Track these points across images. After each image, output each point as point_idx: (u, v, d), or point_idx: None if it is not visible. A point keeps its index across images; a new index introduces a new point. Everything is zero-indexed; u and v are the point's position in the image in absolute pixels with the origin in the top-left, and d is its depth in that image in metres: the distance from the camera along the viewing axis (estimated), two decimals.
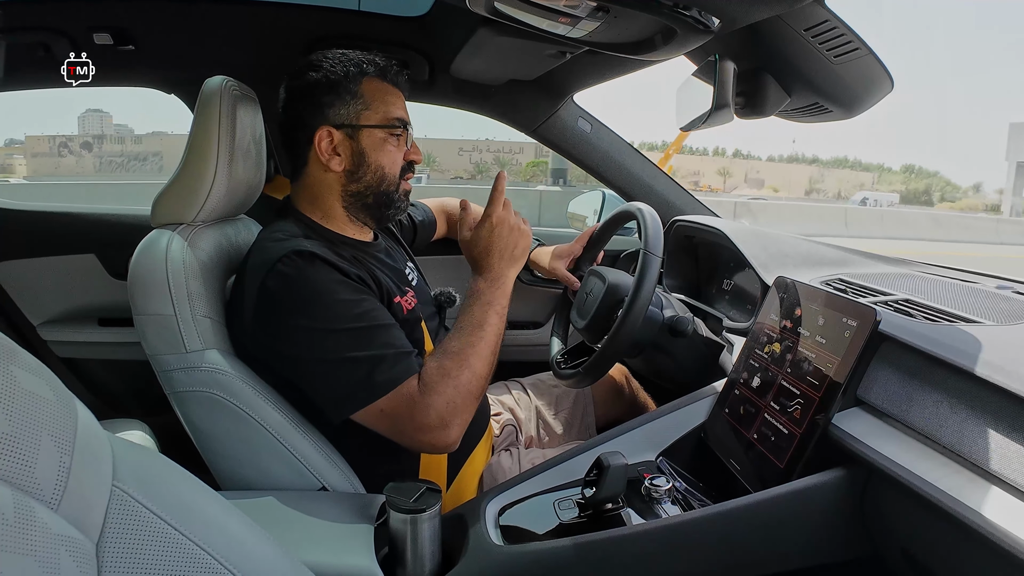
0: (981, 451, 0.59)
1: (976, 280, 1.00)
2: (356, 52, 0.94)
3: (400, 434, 0.83)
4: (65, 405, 0.36)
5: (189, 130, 0.91)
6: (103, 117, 55.21)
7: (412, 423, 0.81)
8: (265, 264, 0.83)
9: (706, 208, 1.52)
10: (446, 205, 1.41)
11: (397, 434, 0.83)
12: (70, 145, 29.11)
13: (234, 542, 0.42)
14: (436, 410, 0.81)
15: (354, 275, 0.85)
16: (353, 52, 0.93)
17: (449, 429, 0.82)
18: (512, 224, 0.95)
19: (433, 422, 0.81)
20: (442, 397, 0.82)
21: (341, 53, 0.93)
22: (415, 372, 0.83)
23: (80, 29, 1.23)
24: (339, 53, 0.93)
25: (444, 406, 0.81)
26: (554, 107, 1.46)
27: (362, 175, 0.93)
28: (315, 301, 0.81)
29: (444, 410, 0.81)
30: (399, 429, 0.82)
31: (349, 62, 0.91)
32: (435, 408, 0.81)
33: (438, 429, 0.81)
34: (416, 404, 0.81)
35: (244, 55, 1.35)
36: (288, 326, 0.82)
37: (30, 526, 0.30)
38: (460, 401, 0.83)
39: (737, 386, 0.89)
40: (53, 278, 1.44)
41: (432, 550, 0.74)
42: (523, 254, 0.97)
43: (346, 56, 0.92)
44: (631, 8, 0.71)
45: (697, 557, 0.74)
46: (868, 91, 0.94)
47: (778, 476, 0.74)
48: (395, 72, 0.95)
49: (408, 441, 0.83)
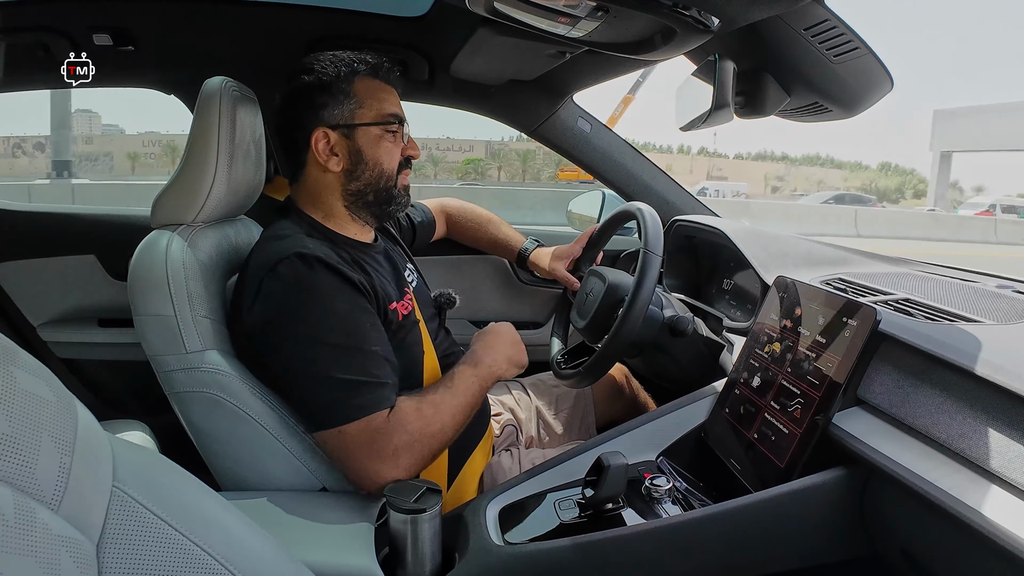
0: (981, 451, 0.59)
1: (976, 279, 1.00)
2: (347, 52, 0.94)
3: (348, 459, 0.81)
4: (65, 406, 0.36)
5: (189, 131, 0.91)
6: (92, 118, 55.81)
7: (368, 451, 0.80)
8: (267, 264, 0.84)
9: (706, 208, 1.52)
10: (445, 205, 1.41)
11: (346, 458, 0.81)
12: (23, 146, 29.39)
13: (234, 542, 0.42)
14: (396, 444, 0.80)
15: (355, 280, 0.85)
16: (344, 52, 0.94)
17: (397, 465, 0.81)
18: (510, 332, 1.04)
19: (387, 453, 0.80)
20: (407, 435, 0.81)
21: (332, 54, 0.93)
22: (388, 406, 0.82)
23: (80, 29, 1.23)
24: (330, 54, 0.93)
25: (405, 443, 0.81)
26: (554, 107, 1.46)
27: (361, 173, 0.93)
28: (310, 308, 0.81)
29: (402, 446, 0.81)
30: (351, 455, 0.81)
31: (340, 62, 0.92)
32: (396, 442, 0.81)
33: (389, 461, 0.80)
34: (380, 434, 0.80)
35: (244, 56, 1.35)
36: (280, 329, 0.82)
37: (30, 527, 0.30)
38: (420, 447, 0.83)
39: (737, 386, 0.89)
40: (53, 279, 1.44)
41: (432, 550, 0.74)
42: (517, 370, 1.02)
43: (337, 57, 0.93)
44: (631, 8, 0.71)
45: (697, 557, 0.74)
46: (868, 90, 0.94)
47: (778, 476, 0.74)
48: (387, 69, 0.95)
49: (353, 468, 0.82)
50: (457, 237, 1.43)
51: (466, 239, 1.43)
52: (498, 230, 1.40)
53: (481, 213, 1.42)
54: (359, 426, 0.80)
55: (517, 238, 1.39)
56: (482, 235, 1.40)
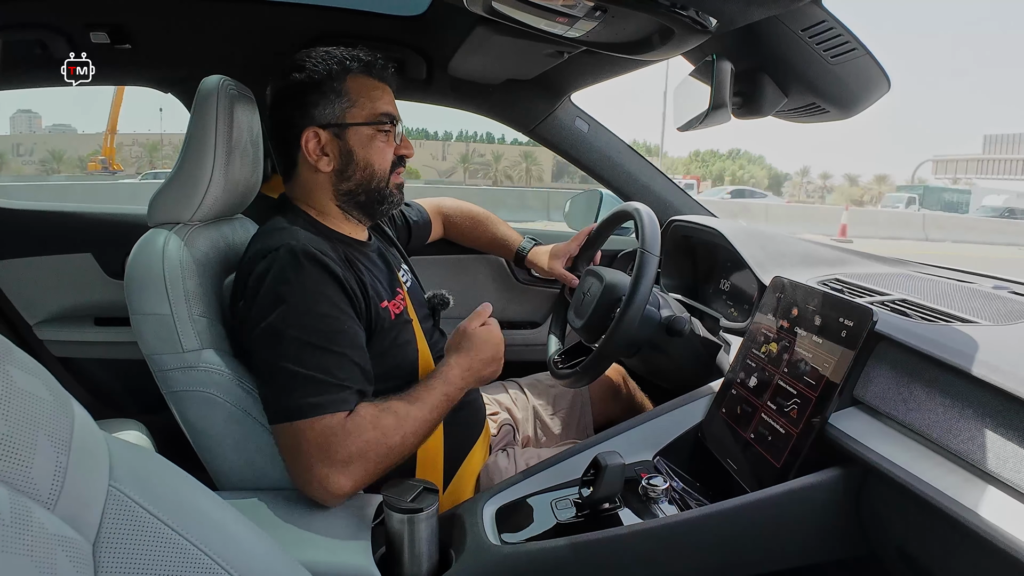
0: (977, 451, 0.59)
1: (972, 280, 1.00)
2: (340, 49, 0.92)
3: (298, 458, 0.78)
4: (62, 405, 0.36)
5: (186, 129, 0.91)
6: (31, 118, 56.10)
7: (319, 453, 0.77)
8: (256, 256, 0.84)
9: (703, 208, 1.52)
10: (441, 205, 1.40)
11: (296, 457, 0.78)
12: None
13: (231, 542, 0.42)
14: (349, 451, 0.78)
15: (341, 277, 0.83)
16: (336, 49, 0.92)
17: (347, 473, 0.78)
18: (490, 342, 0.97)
19: (339, 459, 0.77)
20: (362, 443, 0.78)
21: (324, 51, 0.91)
22: (346, 409, 0.79)
23: (77, 27, 1.23)
24: (322, 51, 0.91)
25: (358, 450, 0.78)
26: (552, 107, 1.47)
27: (352, 174, 0.92)
28: (286, 300, 0.80)
29: (356, 453, 0.78)
30: (301, 454, 0.77)
31: (332, 60, 0.90)
32: (350, 448, 0.78)
33: (339, 467, 0.77)
34: (334, 437, 0.77)
35: (241, 54, 1.35)
36: (257, 318, 0.81)
37: (26, 526, 0.30)
38: (375, 457, 0.79)
39: (734, 386, 0.90)
40: (49, 277, 1.44)
41: (429, 550, 0.74)
42: (490, 377, 0.97)
43: (329, 54, 0.91)
44: (629, 7, 0.71)
45: (694, 556, 0.74)
46: (865, 91, 0.94)
47: (775, 476, 0.74)
48: (380, 67, 0.94)
49: (300, 468, 0.78)
50: (454, 237, 1.43)
51: (463, 239, 1.42)
52: (496, 229, 1.40)
53: (478, 212, 1.41)
54: (312, 424, 0.77)
55: (515, 237, 1.39)
56: (480, 234, 1.40)
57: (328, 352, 0.80)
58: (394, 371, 0.91)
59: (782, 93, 0.96)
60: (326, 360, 0.80)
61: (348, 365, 0.81)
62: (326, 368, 0.79)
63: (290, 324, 0.80)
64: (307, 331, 0.80)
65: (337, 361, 0.80)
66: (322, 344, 0.80)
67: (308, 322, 0.80)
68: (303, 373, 0.78)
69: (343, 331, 0.82)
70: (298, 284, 0.81)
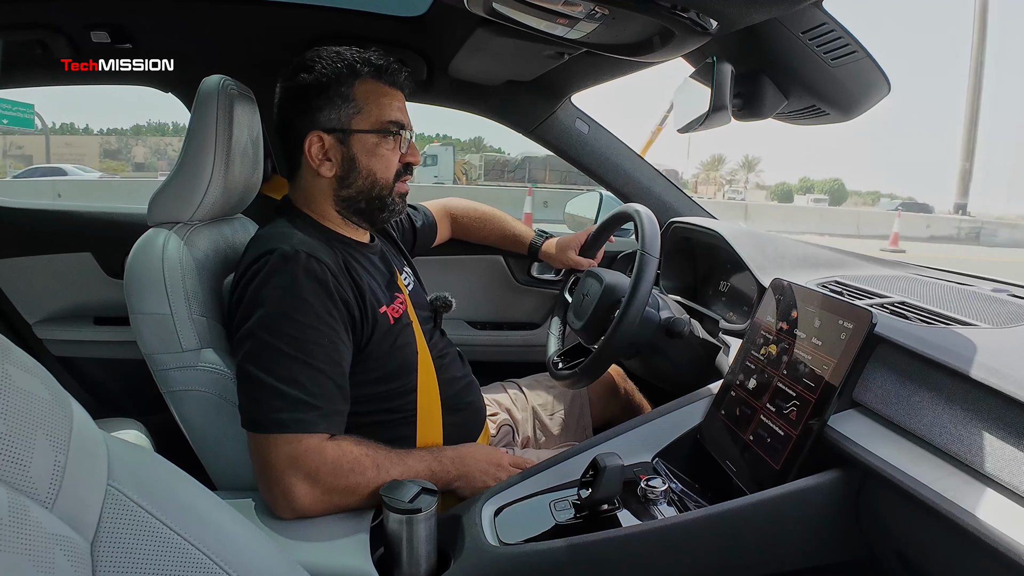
0: (976, 454, 0.59)
1: (972, 283, 1.00)
2: (352, 50, 0.90)
3: (265, 469, 0.77)
4: (60, 404, 0.36)
5: (187, 128, 0.91)
6: None
7: (289, 469, 0.76)
8: (251, 259, 0.84)
9: (703, 210, 1.52)
10: (449, 206, 1.40)
11: (263, 468, 0.78)
12: None
13: (229, 542, 0.42)
14: (320, 477, 0.77)
15: (332, 288, 0.82)
16: (348, 50, 0.90)
17: (311, 495, 0.77)
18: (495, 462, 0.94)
19: (306, 478, 0.76)
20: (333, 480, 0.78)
21: (336, 52, 0.90)
22: (312, 431, 0.77)
23: (77, 27, 1.23)
24: (333, 52, 0.90)
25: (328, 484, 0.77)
26: (552, 108, 1.47)
27: (353, 181, 0.91)
28: (263, 306, 0.80)
29: (327, 484, 0.77)
30: (269, 467, 0.77)
31: (343, 62, 0.89)
32: (322, 475, 0.77)
33: (308, 485, 0.77)
34: (306, 457, 0.76)
35: (242, 54, 1.35)
36: (238, 320, 0.81)
37: (25, 525, 0.30)
38: (341, 497, 0.79)
39: (733, 388, 0.90)
40: (49, 276, 1.44)
41: (428, 551, 0.74)
42: (479, 480, 0.91)
43: (340, 56, 0.89)
44: (629, 9, 0.71)
45: (693, 558, 0.74)
46: (865, 94, 0.94)
47: (774, 478, 0.74)
48: (393, 72, 0.92)
49: (265, 479, 0.78)
50: (464, 236, 1.42)
51: (474, 237, 1.42)
52: (506, 225, 1.40)
53: (486, 210, 1.41)
54: (277, 440, 0.76)
55: (526, 232, 1.39)
56: (490, 232, 1.40)
57: (300, 363, 0.78)
58: (394, 373, 0.91)
59: (782, 95, 0.96)
60: (296, 371, 0.78)
61: (322, 381, 0.79)
62: (295, 380, 0.77)
63: (263, 327, 0.79)
64: (280, 337, 0.78)
65: (310, 375, 0.78)
66: (294, 353, 0.78)
67: (283, 328, 0.78)
68: (269, 382, 0.77)
69: (320, 344, 0.80)
70: (281, 289, 0.80)
